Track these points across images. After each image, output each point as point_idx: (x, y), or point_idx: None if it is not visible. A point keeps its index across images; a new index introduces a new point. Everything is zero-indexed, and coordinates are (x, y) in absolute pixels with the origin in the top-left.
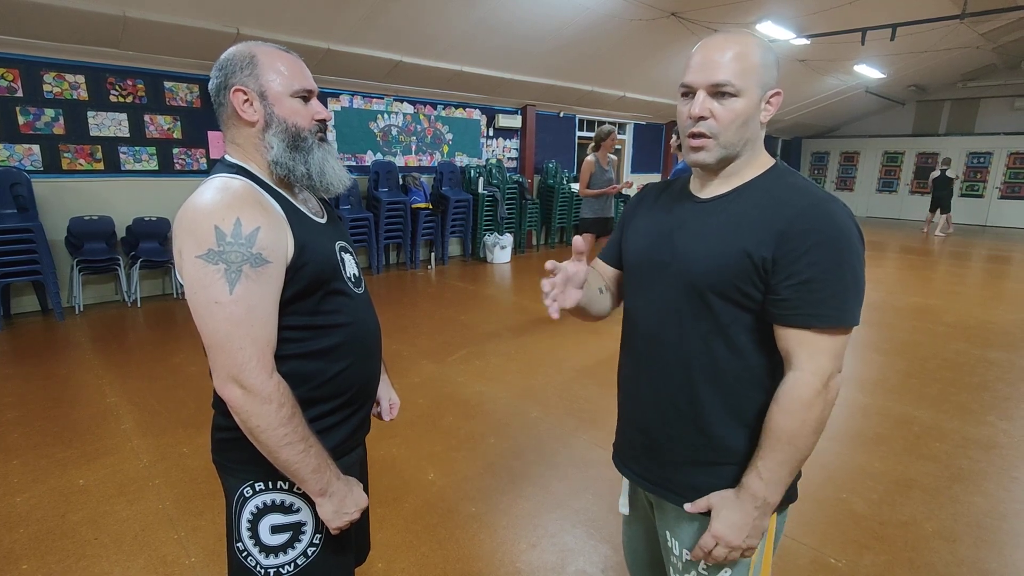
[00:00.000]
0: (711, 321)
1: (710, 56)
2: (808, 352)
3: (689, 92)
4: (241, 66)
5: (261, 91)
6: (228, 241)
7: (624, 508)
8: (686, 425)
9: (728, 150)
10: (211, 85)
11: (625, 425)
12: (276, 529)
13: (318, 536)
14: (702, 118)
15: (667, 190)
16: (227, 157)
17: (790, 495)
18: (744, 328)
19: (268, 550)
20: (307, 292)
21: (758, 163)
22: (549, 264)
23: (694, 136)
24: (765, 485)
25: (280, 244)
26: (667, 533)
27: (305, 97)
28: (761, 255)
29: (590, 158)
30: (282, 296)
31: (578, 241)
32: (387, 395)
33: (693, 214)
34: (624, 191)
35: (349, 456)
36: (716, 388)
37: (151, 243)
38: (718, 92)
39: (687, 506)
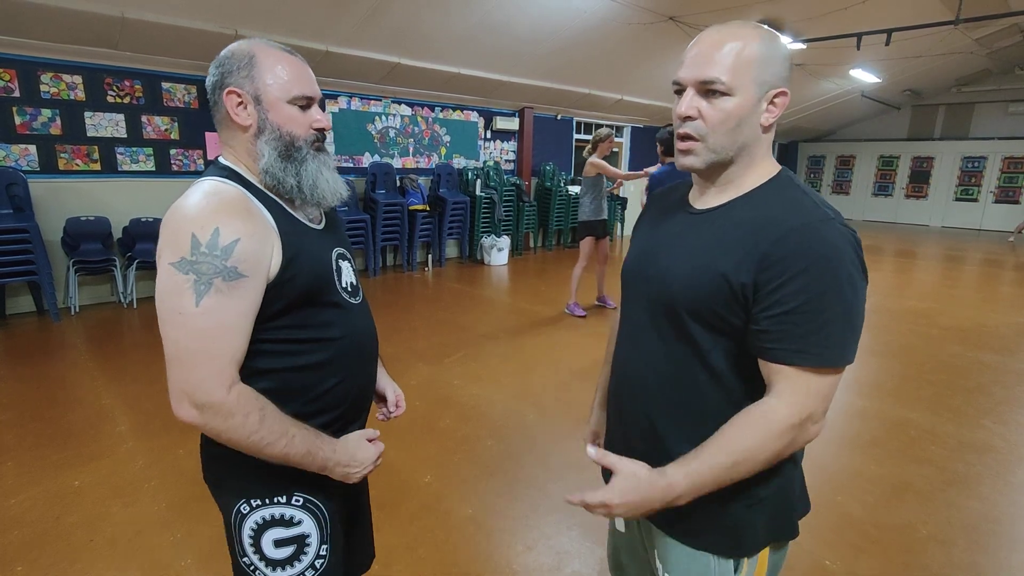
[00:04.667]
0: (689, 344)
1: (703, 49)
2: (790, 388)
3: (681, 89)
4: (239, 66)
5: (256, 95)
6: (202, 251)
7: (620, 525)
8: (663, 448)
9: (719, 154)
10: (208, 82)
11: (610, 439)
12: (280, 543)
13: (324, 547)
14: (689, 118)
15: (670, 197)
16: (220, 159)
17: (790, 531)
18: (724, 354)
19: (275, 564)
20: (297, 305)
21: (759, 172)
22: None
23: (681, 138)
24: (688, 487)
25: (262, 258)
26: (655, 552)
27: (305, 105)
28: (740, 280)
29: (596, 159)
30: (270, 309)
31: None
32: (392, 388)
33: (684, 226)
34: (619, 192)
35: None
36: (693, 413)
37: (148, 244)
38: (707, 90)
39: (589, 449)
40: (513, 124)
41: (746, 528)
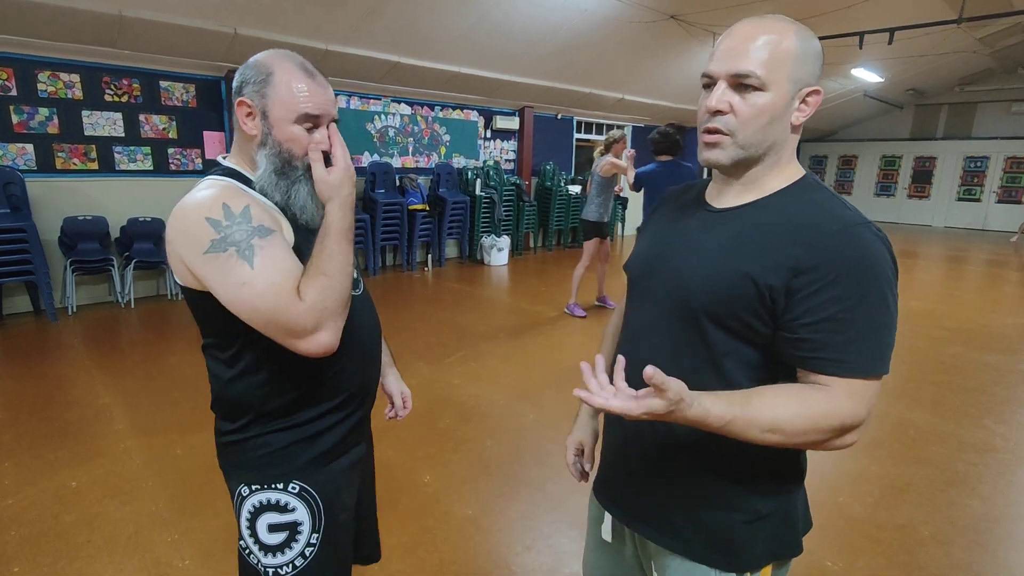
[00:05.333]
0: (704, 350)
1: (737, 42)
2: (837, 395)
3: (710, 83)
4: (256, 79)
5: (264, 110)
6: (225, 225)
7: (607, 535)
8: (666, 461)
9: (747, 151)
10: (233, 85)
11: (607, 450)
12: (273, 528)
13: (315, 536)
14: (719, 112)
15: (684, 195)
16: (222, 160)
17: (793, 548)
18: (740, 363)
19: (267, 549)
20: None
21: (784, 173)
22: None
23: (709, 132)
24: (717, 429)
25: (275, 220)
26: (652, 564)
27: (311, 127)
28: (768, 283)
29: (613, 158)
30: None
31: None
32: (398, 389)
33: (702, 225)
34: (622, 194)
35: (347, 456)
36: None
37: (145, 243)
38: (740, 84)
39: (647, 370)
40: (513, 123)
41: (746, 543)
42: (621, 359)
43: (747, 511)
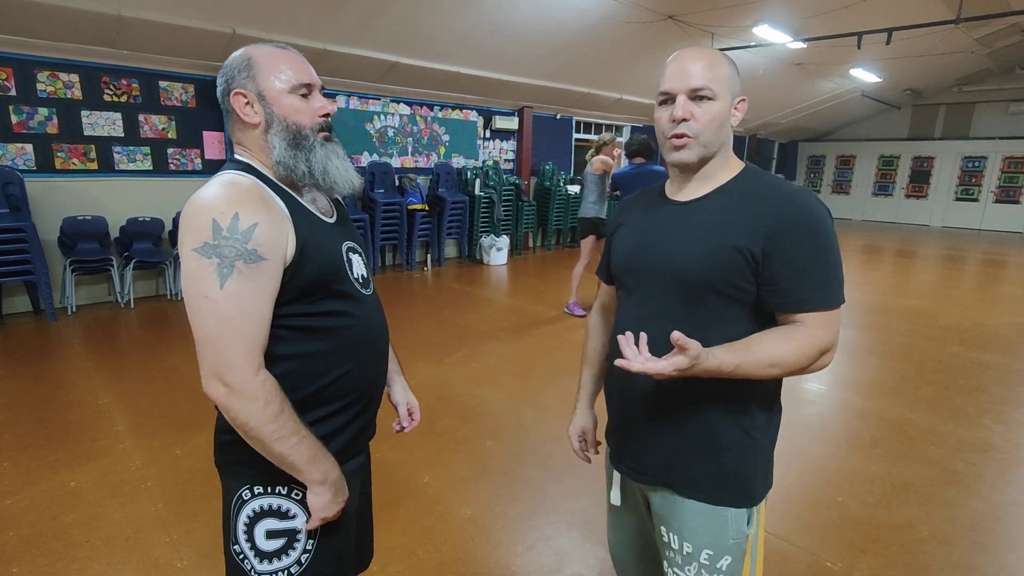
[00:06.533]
0: (706, 315)
1: (685, 65)
2: (816, 326)
3: (668, 99)
4: (239, 69)
5: (259, 92)
6: (224, 235)
7: (616, 499)
8: (679, 418)
9: (707, 149)
10: (217, 92)
11: (616, 420)
12: (271, 534)
13: (311, 543)
14: (684, 120)
15: (644, 198)
16: (236, 155)
17: (766, 483)
18: (736, 320)
19: (263, 555)
20: (309, 292)
21: (730, 166)
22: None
23: (676, 137)
24: (730, 373)
25: (279, 242)
26: (663, 528)
27: (305, 93)
28: (751, 249)
29: (604, 156)
30: (284, 295)
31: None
32: (404, 399)
33: (674, 216)
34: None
35: (350, 463)
36: (708, 379)
37: (145, 243)
38: (696, 96)
39: (674, 334)
40: (512, 123)
41: (756, 480)
42: (644, 335)
43: (759, 449)
